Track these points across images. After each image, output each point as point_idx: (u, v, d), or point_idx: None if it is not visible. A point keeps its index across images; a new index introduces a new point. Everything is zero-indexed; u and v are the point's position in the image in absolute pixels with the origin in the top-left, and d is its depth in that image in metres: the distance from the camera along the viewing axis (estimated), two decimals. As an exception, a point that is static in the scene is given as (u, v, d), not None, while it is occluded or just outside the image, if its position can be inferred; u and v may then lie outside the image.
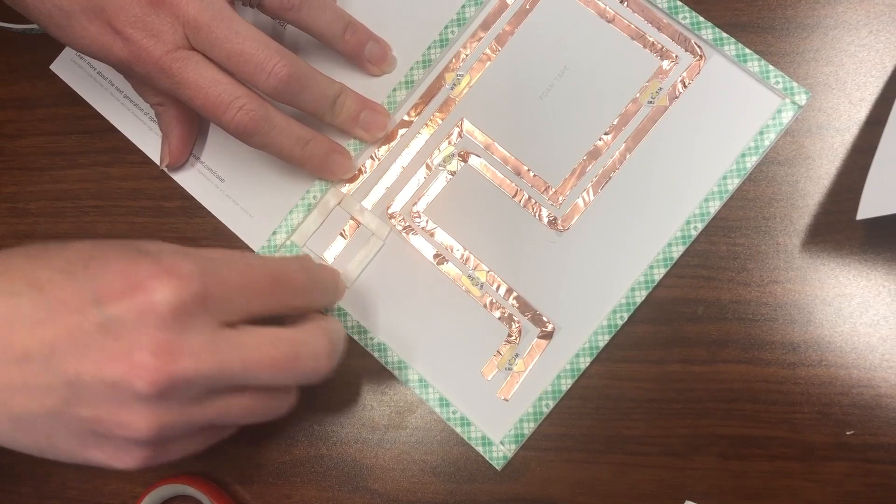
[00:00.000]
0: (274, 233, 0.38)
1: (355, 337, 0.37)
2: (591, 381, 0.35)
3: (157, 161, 0.40)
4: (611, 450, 0.34)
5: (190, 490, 0.36)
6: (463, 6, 0.38)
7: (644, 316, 0.35)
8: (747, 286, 0.35)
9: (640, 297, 0.35)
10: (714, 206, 0.35)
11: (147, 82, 0.34)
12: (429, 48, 0.38)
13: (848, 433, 0.33)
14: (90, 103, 0.41)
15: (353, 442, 0.37)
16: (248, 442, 0.37)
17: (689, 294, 0.35)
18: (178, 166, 0.39)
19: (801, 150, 0.35)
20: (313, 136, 0.36)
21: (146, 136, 0.40)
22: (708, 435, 0.34)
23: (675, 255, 0.35)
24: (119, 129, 0.40)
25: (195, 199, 0.39)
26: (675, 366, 0.35)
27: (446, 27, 0.38)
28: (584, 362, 0.35)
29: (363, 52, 0.38)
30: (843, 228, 0.34)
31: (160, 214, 0.40)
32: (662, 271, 0.35)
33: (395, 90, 0.38)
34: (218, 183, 0.39)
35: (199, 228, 0.39)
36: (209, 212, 0.39)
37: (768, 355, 0.34)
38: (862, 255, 0.34)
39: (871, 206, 0.31)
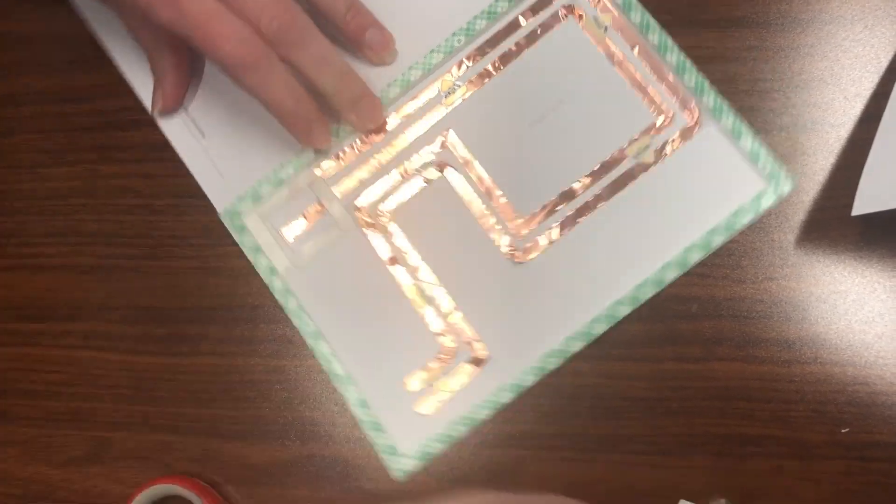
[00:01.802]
0: (239, 199, 0.38)
1: (294, 320, 0.36)
2: (584, 380, 0.35)
3: (152, 112, 0.39)
4: (604, 449, 0.34)
5: (181, 490, 0.36)
6: (475, 17, 0.37)
7: (637, 313, 0.35)
8: (742, 283, 0.34)
9: (575, 347, 0.34)
10: (670, 276, 0.34)
11: (147, 14, 0.33)
12: (432, 52, 0.38)
13: (843, 431, 0.33)
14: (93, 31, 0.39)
15: (344, 441, 0.36)
16: (240, 442, 0.37)
17: (682, 291, 0.35)
18: (170, 113, 0.39)
19: (795, 146, 0.35)
20: (307, 97, 0.36)
21: (141, 72, 0.39)
22: (702, 433, 0.34)
23: (621, 315, 0.34)
24: (114, 60, 0.39)
25: (184, 198, 0.39)
26: (668, 364, 0.34)
27: (454, 34, 0.37)
28: (507, 398, 0.34)
29: (364, 37, 0.37)
30: (838, 225, 0.34)
31: (149, 213, 0.39)
32: (604, 327, 0.34)
33: (389, 86, 0.38)
34: (199, 137, 0.39)
35: (188, 227, 0.39)
36: (199, 210, 0.39)
37: (763, 353, 0.34)
38: (857, 252, 0.34)
39: (866, 202, 0.31)
